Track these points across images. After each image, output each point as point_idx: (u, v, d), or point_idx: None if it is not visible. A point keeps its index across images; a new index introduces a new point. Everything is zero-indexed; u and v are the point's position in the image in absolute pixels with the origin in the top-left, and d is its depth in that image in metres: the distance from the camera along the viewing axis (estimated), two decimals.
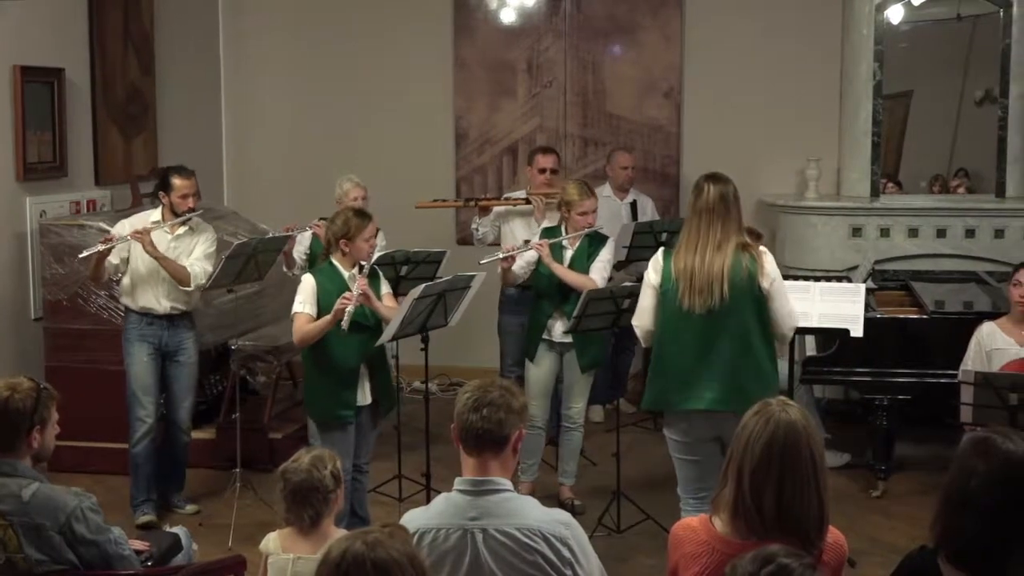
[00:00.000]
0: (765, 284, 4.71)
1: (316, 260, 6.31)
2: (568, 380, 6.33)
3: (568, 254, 6.20)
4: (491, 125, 9.00)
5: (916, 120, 8.60)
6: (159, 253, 6.02)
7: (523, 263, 6.25)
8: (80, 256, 6.09)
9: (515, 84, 8.94)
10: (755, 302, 4.72)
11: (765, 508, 2.87)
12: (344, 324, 5.14)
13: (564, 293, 6.12)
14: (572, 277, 6.09)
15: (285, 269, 6.76)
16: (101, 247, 5.94)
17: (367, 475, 5.71)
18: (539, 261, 6.16)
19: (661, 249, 4.94)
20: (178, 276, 6.07)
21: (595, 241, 6.22)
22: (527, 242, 6.40)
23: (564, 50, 8.82)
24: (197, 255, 6.18)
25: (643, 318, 4.92)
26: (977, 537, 2.70)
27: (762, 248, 4.81)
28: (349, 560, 2.47)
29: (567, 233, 6.19)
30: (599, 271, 6.14)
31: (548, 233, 6.32)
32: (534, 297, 6.34)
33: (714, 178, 4.81)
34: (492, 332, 7.40)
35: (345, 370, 5.34)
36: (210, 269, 6.13)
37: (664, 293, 4.80)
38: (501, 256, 6.24)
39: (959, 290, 7.45)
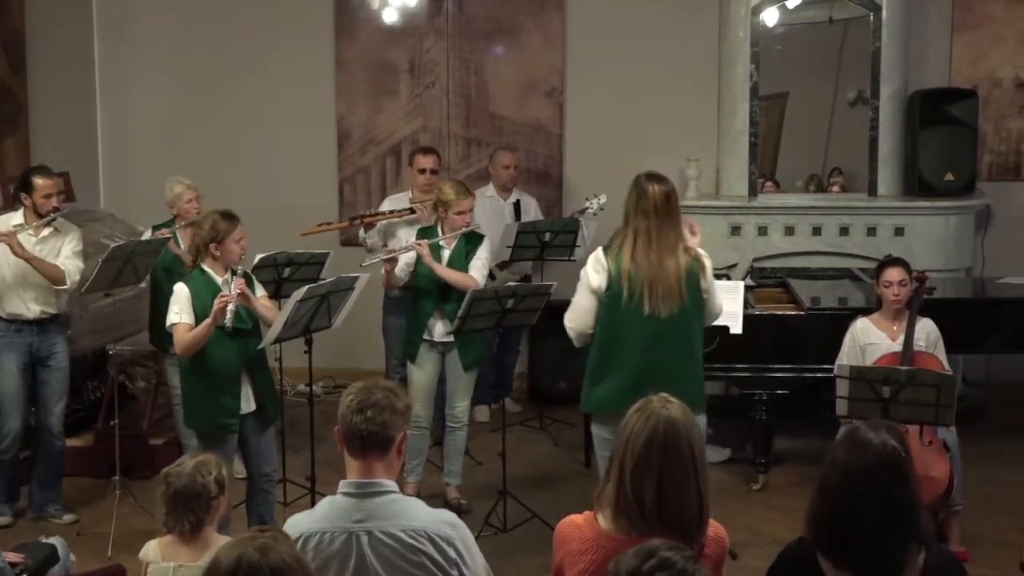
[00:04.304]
0: (704, 284, 4.86)
1: (164, 270, 6.24)
2: (451, 380, 6.33)
3: (446, 254, 6.20)
4: (374, 126, 8.95)
5: (792, 121, 8.78)
6: (29, 254, 5.87)
7: (403, 264, 6.23)
8: None
9: (397, 84, 8.90)
10: (699, 305, 4.87)
11: (646, 503, 2.91)
12: (228, 322, 5.05)
13: (445, 293, 6.12)
14: (452, 275, 6.09)
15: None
16: None
17: (275, 484, 5.59)
18: (418, 261, 6.14)
19: (599, 249, 4.94)
20: (52, 275, 5.94)
21: (472, 240, 6.24)
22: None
23: (446, 50, 8.81)
24: (66, 254, 6.05)
25: (582, 320, 4.94)
26: (841, 526, 2.77)
27: (701, 251, 4.92)
28: (245, 568, 2.46)
29: (443, 232, 6.20)
30: (478, 269, 6.16)
31: (424, 233, 6.31)
32: (414, 298, 6.33)
33: (655, 178, 4.88)
34: (377, 333, 7.38)
35: (226, 376, 5.22)
36: (82, 266, 6.01)
37: (610, 296, 4.82)
38: (383, 258, 6.21)
39: (834, 287, 7.64)
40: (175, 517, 3.62)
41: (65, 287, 5.97)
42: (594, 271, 4.87)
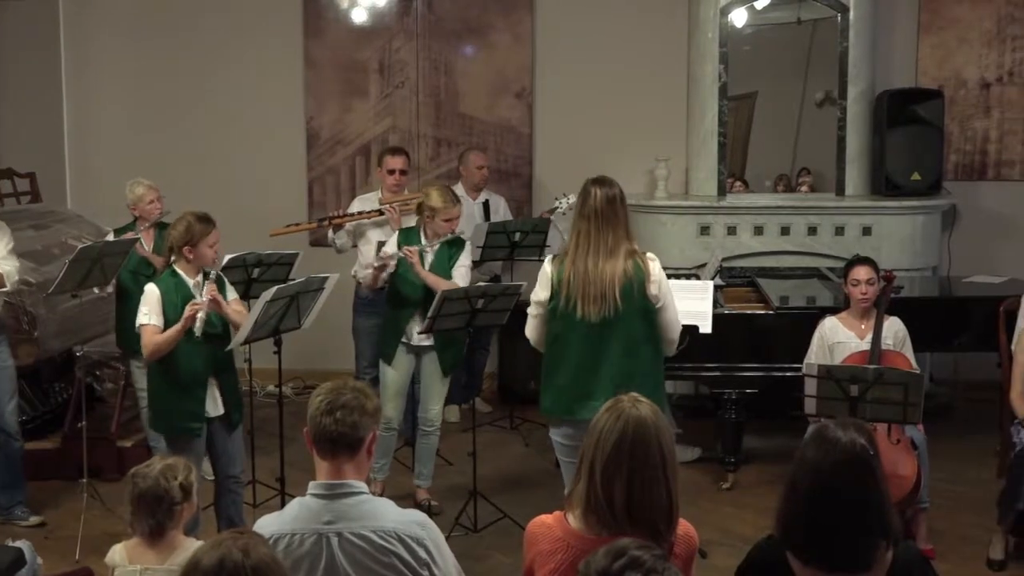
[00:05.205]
0: (653, 290, 4.79)
1: (130, 272, 6.20)
2: (426, 383, 6.31)
3: (428, 258, 6.18)
4: (343, 126, 8.93)
5: (760, 121, 8.82)
6: None
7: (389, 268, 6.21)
8: None
9: (367, 84, 8.89)
10: (643, 310, 4.79)
11: (616, 502, 2.92)
12: (197, 330, 5.01)
13: (426, 299, 6.09)
14: (440, 284, 6.04)
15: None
16: None
17: (243, 485, 5.56)
18: (401, 267, 6.12)
19: (548, 258, 4.96)
20: None
21: (454, 244, 6.22)
22: (380, 244, 6.39)
23: (416, 51, 8.80)
24: (1, 255, 5.97)
25: (535, 333, 4.98)
26: (810, 524, 2.78)
27: (649, 254, 4.86)
28: (229, 568, 2.46)
29: (426, 235, 6.18)
30: (462, 276, 6.15)
31: (405, 234, 6.29)
32: (393, 300, 6.29)
33: (600, 182, 4.83)
34: (346, 334, 7.35)
35: (194, 381, 5.18)
36: (17, 264, 5.95)
37: (554, 304, 4.83)
38: (376, 266, 6.19)
39: (802, 286, 7.68)
40: (138, 518, 3.61)
41: (6, 288, 5.90)
42: (541, 285, 4.90)
